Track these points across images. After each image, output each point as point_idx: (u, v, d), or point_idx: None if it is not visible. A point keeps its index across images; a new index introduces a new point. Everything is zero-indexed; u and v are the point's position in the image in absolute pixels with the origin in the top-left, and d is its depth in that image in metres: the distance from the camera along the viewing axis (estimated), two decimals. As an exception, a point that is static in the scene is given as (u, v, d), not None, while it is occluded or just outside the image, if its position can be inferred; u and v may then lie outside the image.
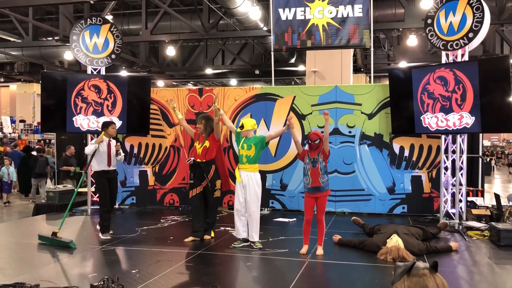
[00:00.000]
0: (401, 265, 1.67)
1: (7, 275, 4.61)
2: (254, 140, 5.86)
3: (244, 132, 5.89)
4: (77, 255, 5.55)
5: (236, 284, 4.47)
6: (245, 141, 5.87)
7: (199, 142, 6.33)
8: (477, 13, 6.96)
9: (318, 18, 8.78)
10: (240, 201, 5.88)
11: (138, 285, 4.30)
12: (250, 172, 5.82)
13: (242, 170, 5.87)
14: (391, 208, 8.20)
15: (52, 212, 8.58)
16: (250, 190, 5.78)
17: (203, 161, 6.24)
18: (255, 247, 5.77)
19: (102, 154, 6.44)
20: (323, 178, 5.42)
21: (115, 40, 8.58)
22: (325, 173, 5.45)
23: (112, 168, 6.56)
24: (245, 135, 5.90)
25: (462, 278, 4.71)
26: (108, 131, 6.55)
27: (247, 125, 5.89)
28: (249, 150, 5.81)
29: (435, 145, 8.00)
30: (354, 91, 8.44)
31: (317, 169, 5.41)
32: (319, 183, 5.40)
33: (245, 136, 5.90)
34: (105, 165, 6.46)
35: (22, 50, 16.44)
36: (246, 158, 5.82)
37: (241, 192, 5.85)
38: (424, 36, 11.81)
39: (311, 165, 5.44)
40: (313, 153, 5.48)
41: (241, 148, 5.88)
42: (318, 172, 5.40)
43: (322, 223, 5.47)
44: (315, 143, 5.45)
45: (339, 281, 4.67)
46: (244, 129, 5.87)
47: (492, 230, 6.25)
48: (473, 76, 6.79)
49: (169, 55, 16.56)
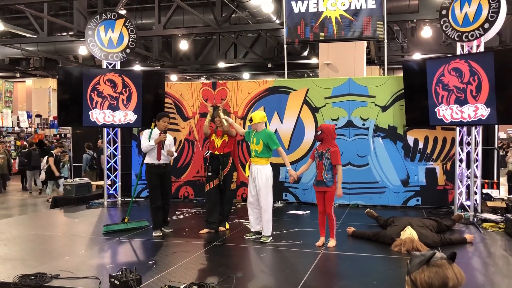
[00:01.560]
0: (419, 254, 1.68)
1: (28, 265, 4.72)
2: (263, 136, 5.84)
3: (254, 125, 5.90)
4: (95, 246, 5.66)
5: (251, 275, 4.53)
6: (255, 135, 5.89)
7: (218, 136, 6.41)
8: (493, 3, 6.87)
9: (331, 10, 8.74)
10: (252, 194, 5.92)
11: (155, 276, 4.39)
12: (259, 165, 5.84)
13: (252, 163, 5.91)
14: (405, 201, 8.19)
15: (70, 205, 8.74)
16: (259, 183, 5.80)
17: (222, 154, 6.34)
18: (261, 241, 5.76)
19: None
20: (327, 174, 5.41)
21: (129, 35, 8.66)
22: (330, 170, 5.41)
23: (163, 163, 6.20)
24: (255, 128, 5.91)
25: (477, 270, 4.71)
26: (159, 125, 6.25)
27: (255, 118, 5.88)
28: (258, 145, 5.83)
29: (450, 137, 7.95)
30: (368, 84, 8.41)
31: (321, 163, 5.44)
32: (322, 178, 5.43)
33: (255, 129, 5.91)
34: (154, 158, 6.16)
35: (38, 46, 16.64)
36: (255, 152, 5.86)
37: (252, 185, 5.89)
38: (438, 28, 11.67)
39: (317, 158, 5.50)
40: (321, 147, 5.52)
41: (251, 142, 5.91)
42: (322, 167, 5.43)
43: (330, 217, 5.47)
44: (317, 134, 5.57)
45: (353, 272, 4.70)
46: (253, 122, 5.88)
47: (507, 222, 6.21)
48: (489, 67, 6.72)
49: (182, 49, 16.63)
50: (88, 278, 4.30)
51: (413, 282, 1.63)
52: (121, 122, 8.45)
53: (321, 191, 5.50)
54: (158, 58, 17.35)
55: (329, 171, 5.42)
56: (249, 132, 6.03)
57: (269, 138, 5.81)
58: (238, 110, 8.96)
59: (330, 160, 5.40)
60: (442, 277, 1.59)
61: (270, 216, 5.83)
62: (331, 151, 5.41)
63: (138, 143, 9.38)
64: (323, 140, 5.51)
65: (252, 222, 6.00)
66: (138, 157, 9.38)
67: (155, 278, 4.33)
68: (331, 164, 5.41)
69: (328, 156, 5.41)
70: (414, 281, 1.63)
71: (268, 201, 5.82)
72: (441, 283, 1.58)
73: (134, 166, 9.42)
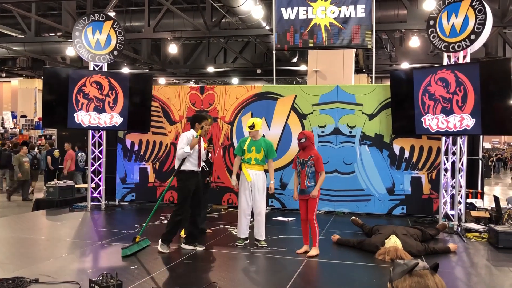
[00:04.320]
0: (401, 263, 1.68)
1: (6, 269, 4.62)
2: (264, 144, 5.82)
3: (253, 132, 5.82)
4: (76, 250, 5.56)
5: (234, 282, 4.49)
6: (253, 143, 5.81)
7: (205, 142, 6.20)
8: (480, 15, 6.96)
9: (320, 18, 8.79)
10: (248, 201, 5.83)
11: (136, 281, 4.32)
12: (258, 171, 5.83)
13: (250, 169, 5.82)
14: (390, 209, 8.21)
15: (52, 207, 8.60)
16: (259, 188, 5.79)
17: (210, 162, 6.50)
18: (261, 246, 5.79)
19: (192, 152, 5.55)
20: (310, 182, 5.38)
21: (117, 37, 8.59)
22: (312, 178, 5.39)
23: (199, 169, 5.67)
24: (254, 135, 5.84)
25: (460, 280, 4.72)
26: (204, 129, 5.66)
27: (258, 125, 5.80)
28: (259, 153, 5.79)
29: (435, 146, 8.01)
30: (355, 92, 8.45)
31: (304, 171, 5.41)
32: (305, 186, 5.41)
33: (253, 136, 5.84)
34: (195, 165, 5.60)
35: (24, 46, 16.46)
36: (255, 161, 5.80)
37: (248, 192, 5.81)
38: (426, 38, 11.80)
39: (300, 167, 5.48)
40: (303, 155, 5.48)
41: (249, 151, 5.80)
42: (305, 175, 5.40)
43: (313, 223, 5.41)
44: (300, 141, 5.46)
45: (336, 280, 4.68)
46: (255, 129, 5.80)
47: (490, 232, 6.25)
48: (475, 78, 6.79)
49: (171, 53, 16.56)
50: (68, 283, 4.21)
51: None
52: (106, 124, 8.36)
53: (303, 199, 5.47)
54: (147, 61, 17.27)
55: (311, 179, 5.38)
56: (244, 140, 5.88)
57: (271, 147, 5.87)
58: (225, 115, 8.93)
59: (313, 168, 5.36)
60: (423, 286, 1.59)
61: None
62: (314, 159, 5.37)
63: (124, 146, 9.31)
64: (306, 148, 5.46)
65: (244, 229, 5.94)
66: (123, 160, 9.29)
67: (137, 283, 4.26)
68: (314, 171, 5.38)
69: (311, 164, 5.37)
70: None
71: (265, 208, 5.91)
72: (421, 293, 1.58)
73: (119, 169, 9.32)
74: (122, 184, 9.29)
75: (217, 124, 8.93)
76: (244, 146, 5.83)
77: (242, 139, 5.95)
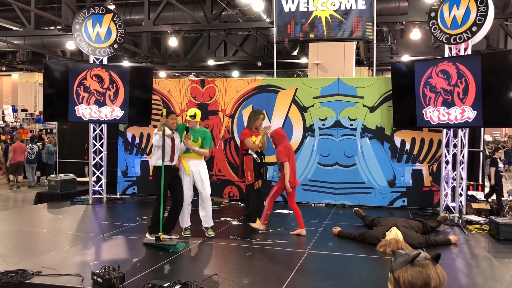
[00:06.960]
0: (403, 253, 1.68)
1: (9, 262, 4.65)
2: (202, 134, 5.92)
3: (192, 123, 5.89)
4: (78, 243, 5.59)
5: (236, 274, 4.50)
6: (191, 132, 5.86)
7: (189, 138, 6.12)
8: (481, 6, 6.93)
9: (321, 10, 8.75)
10: (190, 190, 5.89)
11: (138, 274, 4.34)
12: (197, 159, 5.91)
13: (189, 159, 5.88)
14: (391, 201, 8.23)
15: (54, 201, 8.62)
16: (201, 175, 5.84)
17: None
18: (208, 235, 5.87)
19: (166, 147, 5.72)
20: (278, 174, 6.24)
21: (117, 30, 8.57)
22: (279, 170, 6.15)
23: (175, 164, 5.84)
24: (193, 125, 5.91)
25: (461, 271, 4.74)
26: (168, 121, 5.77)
27: (198, 117, 5.91)
28: (196, 142, 5.86)
29: (436, 139, 8.00)
30: (356, 84, 8.43)
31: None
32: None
33: (192, 126, 5.91)
34: (167, 159, 5.74)
35: (24, 39, 16.39)
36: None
37: (189, 180, 5.86)
38: (427, 30, 11.76)
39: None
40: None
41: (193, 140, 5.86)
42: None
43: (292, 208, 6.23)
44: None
45: (337, 272, 4.70)
46: (195, 119, 5.87)
47: (491, 224, 6.27)
48: (476, 70, 6.77)
49: (171, 46, 16.51)
50: (71, 275, 4.24)
51: (396, 280, 1.64)
52: (107, 118, 8.36)
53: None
54: (147, 55, 17.21)
55: (279, 171, 6.13)
56: (183, 128, 5.84)
57: (208, 137, 5.98)
58: (226, 108, 8.92)
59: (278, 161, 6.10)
60: (425, 277, 1.60)
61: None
62: (276, 152, 6.04)
63: (125, 139, 9.32)
64: (277, 145, 6.09)
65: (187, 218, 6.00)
66: (124, 153, 9.30)
67: (139, 276, 4.28)
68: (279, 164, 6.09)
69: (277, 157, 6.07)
70: (397, 279, 1.63)
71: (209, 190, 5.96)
72: (423, 283, 1.59)
73: (120, 162, 9.33)
74: (124, 177, 9.30)
75: (218, 117, 8.93)
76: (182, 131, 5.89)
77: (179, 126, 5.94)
